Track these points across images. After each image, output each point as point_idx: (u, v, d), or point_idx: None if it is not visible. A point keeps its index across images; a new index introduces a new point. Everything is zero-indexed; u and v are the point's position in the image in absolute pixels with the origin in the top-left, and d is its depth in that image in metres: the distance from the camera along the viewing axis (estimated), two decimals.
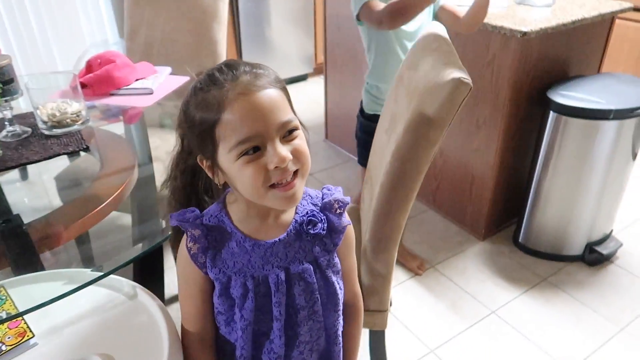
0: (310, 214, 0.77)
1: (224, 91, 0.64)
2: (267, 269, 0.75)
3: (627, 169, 1.88)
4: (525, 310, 1.79)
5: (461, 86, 0.91)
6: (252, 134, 0.64)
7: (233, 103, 0.63)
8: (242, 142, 0.64)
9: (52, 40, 2.88)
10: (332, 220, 0.78)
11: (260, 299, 0.75)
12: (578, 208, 1.90)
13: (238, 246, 0.74)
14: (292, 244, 0.75)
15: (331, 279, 0.79)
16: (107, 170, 1.27)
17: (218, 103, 0.64)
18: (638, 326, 1.71)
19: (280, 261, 0.75)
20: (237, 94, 0.64)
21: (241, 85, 0.64)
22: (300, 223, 0.76)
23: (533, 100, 1.91)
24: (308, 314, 0.78)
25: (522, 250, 2.08)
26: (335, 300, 0.81)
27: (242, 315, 0.76)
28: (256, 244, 0.74)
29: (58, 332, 0.85)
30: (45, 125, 1.34)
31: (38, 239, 1.01)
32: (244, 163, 0.65)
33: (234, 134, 0.64)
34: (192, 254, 0.75)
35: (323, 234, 0.77)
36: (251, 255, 0.74)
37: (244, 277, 0.74)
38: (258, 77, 0.66)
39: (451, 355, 1.62)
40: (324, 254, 0.78)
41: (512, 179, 2.08)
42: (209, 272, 0.75)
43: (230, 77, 0.65)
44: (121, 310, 0.90)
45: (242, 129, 0.64)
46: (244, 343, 0.78)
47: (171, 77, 1.77)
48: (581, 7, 1.93)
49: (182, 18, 2.01)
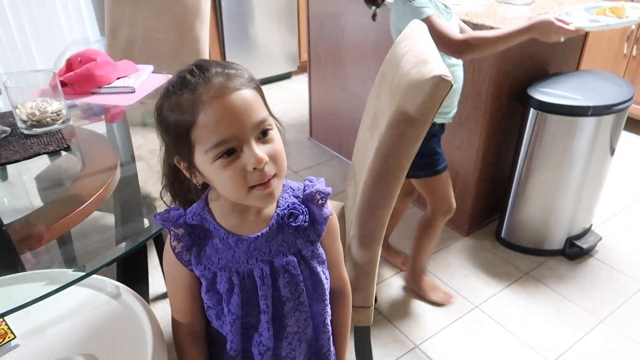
0: (291, 207, 0.77)
1: (197, 94, 0.64)
2: (252, 264, 0.75)
3: (605, 164, 1.92)
4: (508, 304, 1.82)
5: (442, 83, 0.92)
6: (227, 136, 0.64)
7: (207, 106, 0.63)
8: (218, 145, 0.64)
9: (31, 39, 2.83)
10: (314, 211, 0.78)
11: (247, 293, 0.76)
12: (558, 203, 1.94)
13: (222, 242, 0.75)
14: (274, 238, 0.76)
15: (316, 269, 0.80)
16: (88, 169, 1.26)
17: (192, 106, 0.64)
18: (617, 318, 1.75)
19: (264, 255, 0.76)
20: (211, 97, 0.63)
21: (214, 87, 0.64)
22: (282, 216, 0.77)
23: (514, 98, 1.94)
24: (294, 305, 0.80)
25: (504, 245, 2.11)
26: (321, 290, 0.82)
27: (230, 310, 0.77)
28: (239, 240, 0.75)
29: (40, 333, 0.85)
30: (24, 125, 1.32)
31: (19, 240, 1.00)
32: (221, 167, 0.66)
33: (210, 137, 0.64)
34: (176, 252, 0.75)
35: (305, 225, 0.78)
36: (235, 251, 0.75)
37: (229, 273, 0.75)
38: (230, 78, 0.65)
39: (436, 350, 1.64)
40: (307, 245, 0.79)
41: (495, 175, 2.11)
42: (195, 270, 0.76)
43: (203, 80, 0.64)
44: (104, 310, 0.89)
45: (217, 131, 0.64)
46: (232, 336, 0.79)
47: (153, 75, 1.75)
48: (560, 5, 1.96)
49: (164, 16, 1.99)
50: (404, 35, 1.24)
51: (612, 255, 2.03)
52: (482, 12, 1.87)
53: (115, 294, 0.93)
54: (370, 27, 2.25)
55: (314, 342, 0.88)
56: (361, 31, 2.32)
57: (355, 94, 2.52)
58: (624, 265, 1.99)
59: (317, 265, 0.81)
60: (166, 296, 1.84)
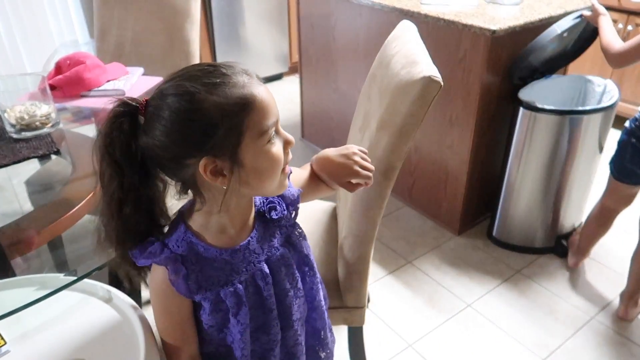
0: (268, 201, 0.79)
1: (247, 82, 0.65)
2: (251, 269, 0.76)
3: (594, 162, 1.94)
4: (500, 303, 1.83)
5: (432, 84, 0.93)
6: (275, 119, 0.68)
7: (259, 90, 0.66)
8: (272, 124, 0.68)
9: (19, 41, 2.80)
10: (285, 195, 0.80)
11: (252, 298, 0.77)
12: (548, 201, 1.96)
13: (217, 260, 0.73)
14: (263, 236, 0.78)
15: (303, 249, 0.83)
16: (79, 173, 1.25)
17: (248, 92, 0.65)
18: (607, 314, 1.77)
19: (259, 257, 0.77)
20: (255, 85, 0.66)
21: (249, 78, 0.67)
22: (262, 213, 0.78)
23: (504, 97, 1.95)
24: (294, 293, 0.82)
25: (496, 244, 2.12)
26: (310, 265, 0.85)
27: (239, 321, 0.76)
28: (233, 251, 0.74)
29: (31, 339, 0.84)
30: (13, 129, 1.31)
31: (9, 245, 0.99)
32: (271, 146, 0.68)
33: (266, 118, 0.66)
34: (176, 285, 0.71)
35: (285, 214, 0.80)
36: (233, 264, 0.74)
37: (232, 286, 0.74)
38: (250, 74, 0.68)
39: (429, 349, 1.65)
40: (291, 230, 0.82)
41: (485, 174, 2.12)
42: (196, 297, 0.73)
43: (237, 72, 0.66)
44: (96, 315, 0.89)
45: (271, 111, 0.67)
46: (243, 344, 0.78)
47: (144, 77, 1.75)
48: (548, 5, 1.98)
49: (153, 18, 1.99)
50: (394, 35, 1.24)
51: (601, 252, 2.05)
52: (471, 12, 1.88)
53: (107, 298, 0.92)
54: (361, 28, 2.26)
55: (309, 323, 0.90)
56: (351, 32, 2.32)
57: (346, 95, 2.53)
58: (612, 262, 2.01)
59: (303, 243, 0.84)
60: None
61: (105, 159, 0.66)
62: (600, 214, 1.80)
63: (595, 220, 1.83)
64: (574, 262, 1.95)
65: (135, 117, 0.66)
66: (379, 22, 2.14)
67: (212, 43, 3.48)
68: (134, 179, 0.66)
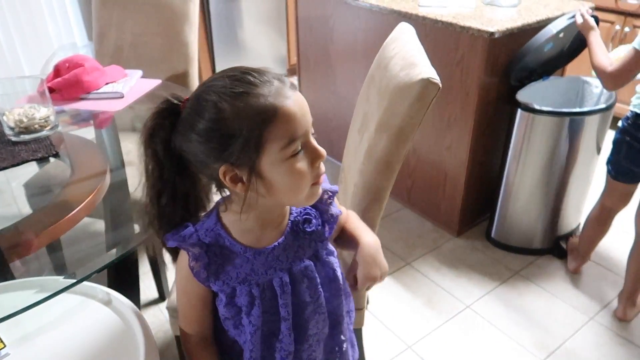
0: (304, 212, 0.78)
1: (271, 93, 0.64)
2: (271, 274, 0.75)
3: (592, 163, 1.94)
4: (499, 304, 1.83)
5: (430, 86, 0.93)
6: (301, 131, 0.66)
7: (284, 102, 0.64)
8: (294, 140, 0.65)
9: (17, 44, 2.80)
10: (324, 212, 0.79)
11: (267, 302, 0.76)
12: (546, 202, 1.96)
13: (239, 257, 0.74)
14: (291, 245, 0.76)
15: (331, 265, 0.81)
16: (78, 176, 1.25)
17: (271, 104, 0.64)
18: (606, 315, 1.77)
19: (282, 264, 0.76)
20: (282, 96, 0.65)
21: (280, 87, 0.65)
22: (296, 223, 0.77)
23: (502, 98, 1.96)
24: (314, 308, 0.80)
25: (494, 245, 2.12)
26: (337, 286, 0.83)
27: (250, 321, 0.76)
28: (257, 252, 0.74)
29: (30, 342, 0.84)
30: (12, 132, 1.31)
31: (7, 248, 0.99)
32: (295, 162, 0.66)
33: (287, 133, 0.64)
34: (195, 271, 0.74)
35: (319, 229, 0.78)
36: (253, 264, 0.74)
37: (249, 286, 0.75)
38: (281, 80, 0.67)
39: (428, 350, 1.65)
40: (322, 246, 0.80)
41: (484, 175, 2.13)
42: (213, 286, 0.75)
43: (264, 81, 0.65)
44: (96, 317, 0.89)
45: (295, 126, 0.65)
46: (252, 346, 0.78)
47: (142, 80, 1.75)
48: (545, 7, 1.98)
49: (152, 20, 1.99)
50: (392, 37, 1.25)
51: (600, 253, 2.05)
52: (469, 14, 1.89)
53: (106, 300, 0.92)
54: (359, 30, 2.27)
55: (329, 339, 0.88)
56: (350, 34, 2.33)
57: (345, 96, 2.53)
58: (611, 262, 2.01)
59: (332, 260, 0.81)
60: (157, 302, 1.83)
61: (148, 152, 0.70)
62: (600, 214, 1.80)
63: (594, 221, 1.83)
64: (575, 267, 1.95)
65: (177, 115, 0.69)
66: (377, 24, 2.15)
67: (211, 45, 3.48)
68: (171, 173, 0.70)
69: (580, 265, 1.95)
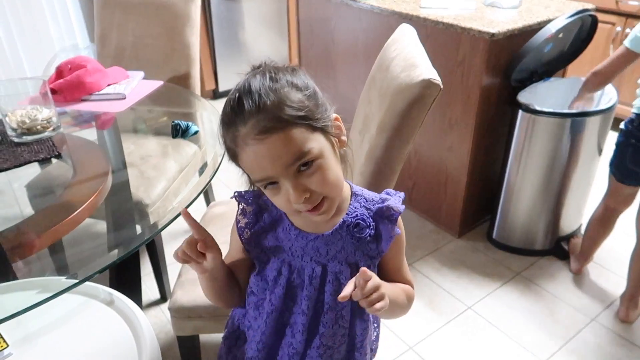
0: (359, 217, 0.76)
1: (236, 134, 0.65)
2: (306, 261, 0.76)
3: (593, 164, 1.94)
4: (500, 305, 1.83)
5: (431, 87, 0.93)
6: (264, 176, 0.66)
7: (243, 150, 0.65)
8: (259, 180, 0.67)
9: (19, 46, 2.81)
10: (382, 228, 0.76)
11: (292, 288, 0.77)
12: (548, 203, 1.96)
13: (284, 232, 0.77)
14: (334, 243, 0.75)
15: None
16: (80, 176, 1.26)
17: (234, 144, 0.66)
18: (608, 316, 1.77)
19: (320, 257, 0.76)
20: (244, 144, 0.64)
21: (248, 130, 0.63)
22: (347, 224, 0.75)
23: (503, 99, 1.96)
24: (335, 317, 0.78)
25: (496, 246, 2.12)
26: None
27: (270, 300, 0.78)
28: (300, 234, 0.76)
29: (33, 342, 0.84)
30: (14, 133, 1.31)
31: (10, 248, 0.99)
32: (269, 194, 0.69)
33: (251, 173, 0.68)
34: (239, 226, 0.79)
35: (368, 239, 0.76)
36: (293, 244, 0.76)
37: (281, 263, 0.77)
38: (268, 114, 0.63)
39: (430, 351, 1.65)
40: (365, 259, 0.77)
41: (485, 176, 2.13)
42: (251, 250, 0.79)
43: (239, 118, 0.64)
44: (98, 317, 0.89)
45: (255, 171, 0.67)
46: (265, 328, 0.79)
47: (144, 81, 1.75)
48: (546, 9, 1.99)
49: (154, 22, 1.99)
50: (393, 39, 1.25)
51: (601, 254, 2.05)
52: (470, 15, 1.89)
53: (108, 300, 0.92)
54: (360, 32, 2.27)
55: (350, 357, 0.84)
56: (351, 35, 2.33)
57: (346, 98, 2.53)
58: (613, 263, 2.01)
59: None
60: (158, 303, 1.83)
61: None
62: (603, 215, 1.80)
63: (597, 221, 1.83)
64: (577, 268, 1.95)
65: None
66: (379, 25, 2.15)
67: (212, 47, 3.49)
68: None
69: (583, 266, 1.95)
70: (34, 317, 0.87)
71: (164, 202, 1.48)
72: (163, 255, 1.78)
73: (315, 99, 0.68)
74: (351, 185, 0.79)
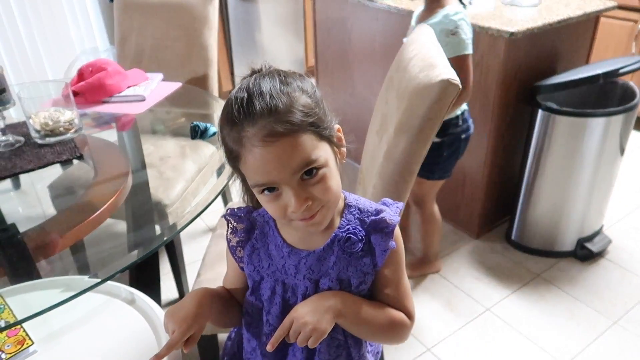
0: (350, 231, 0.73)
1: (242, 135, 0.62)
2: (299, 279, 0.74)
3: (615, 164, 1.91)
4: (520, 307, 1.81)
5: (450, 87, 0.93)
6: (266, 181, 0.64)
7: (248, 151, 0.63)
8: (259, 185, 0.65)
9: (41, 49, 2.87)
10: (375, 241, 0.73)
11: (288, 307, 0.75)
12: (568, 204, 1.93)
13: (276, 249, 0.75)
14: (326, 259, 0.73)
15: None
16: (101, 177, 1.28)
17: (237, 145, 0.64)
18: (630, 319, 1.73)
19: (312, 273, 0.74)
20: (252, 144, 0.62)
21: (257, 132, 0.61)
22: (339, 238, 0.73)
23: (522, 99, 1.93)
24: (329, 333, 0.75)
25: (515, 247, 2.10)
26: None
27: (268, 320, 0.76)
28: (292, 252, 0.74)
29: (57, 339, 0.86)
30: (38, 134, 1.34)
31: (34, 248, 1.01)
32: (265, 201, 0.67)
33: (252, 177, 0.65)
34: (230, 245, 0.78)
35: (360, 254, 0.73)
36: (286, 261, 0.75)
37: (274, 281, 0.76)
38: (278, 117, 0.61)
39: (448, 353, 1.64)
40: (359, 275, 0.74)
41: (504, 177, 2.10)
42: (245, 268, 0.78)
43: (247, 119, 0.62)
44: (120, 316, 0.90)
45: (257, 175, 0.64)
46: (265, 351, 0.76)
47: (163, 83, 1.77)
48: (566, 7, 1.96)
49: (172, 24, 2.02)
50: (411, 39, 1.24)
51: (623, 256, 2.01)
52: (488, 14, 1.87)
53: (130, 299, 0.94)
54: (377, 32, 2.26)
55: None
56: (368, 36, 2.33)
57: (363, 98, 2.53)
58: (635, 266, 1.97)
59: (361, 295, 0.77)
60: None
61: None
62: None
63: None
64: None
65: None
66: (395, 25, 2.14)
67: (229, 48, 3.52)
68: None
69: None
70: (58, 315, 0.89)
71: (182, 202, 1.50)
72: (182, 255, 1.80)
73: (322, 107, 0.68)
74: (345, 197, 0.77)
